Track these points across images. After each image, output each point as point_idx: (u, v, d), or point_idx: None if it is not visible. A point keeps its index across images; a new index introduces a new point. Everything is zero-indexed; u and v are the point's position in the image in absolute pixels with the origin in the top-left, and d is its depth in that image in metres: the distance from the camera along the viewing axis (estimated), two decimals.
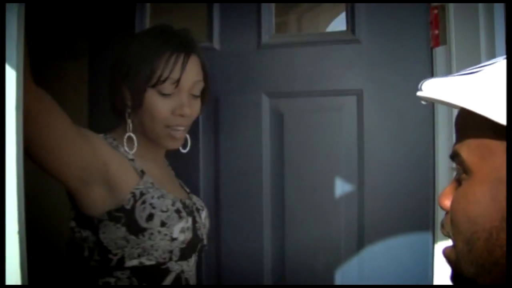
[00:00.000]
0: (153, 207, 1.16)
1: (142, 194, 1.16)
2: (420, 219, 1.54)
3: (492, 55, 1.42)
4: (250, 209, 1.67)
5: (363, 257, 1.57)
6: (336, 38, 1.64)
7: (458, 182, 0.60)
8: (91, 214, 1.15)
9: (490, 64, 0.56)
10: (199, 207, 1.33)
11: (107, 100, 1.27)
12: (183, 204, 1.24)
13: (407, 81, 1.54)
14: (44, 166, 1.03)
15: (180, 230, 1.19)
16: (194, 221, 1.25)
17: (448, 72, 1.51)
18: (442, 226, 0.62)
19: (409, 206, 1.54)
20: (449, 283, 0.67)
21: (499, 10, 1.42)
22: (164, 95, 1.19)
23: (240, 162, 1.68)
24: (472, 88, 0.54)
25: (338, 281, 1.58)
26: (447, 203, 0.61)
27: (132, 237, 1.14)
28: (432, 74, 1.54)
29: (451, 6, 1.49)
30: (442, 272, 1.49)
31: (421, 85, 0.60)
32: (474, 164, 0.56)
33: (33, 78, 0.90)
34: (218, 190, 1.71)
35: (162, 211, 1.17)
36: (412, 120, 1.56)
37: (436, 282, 1.51)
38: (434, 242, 1.52)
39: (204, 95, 1.29)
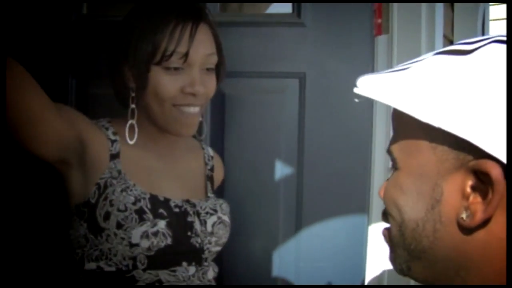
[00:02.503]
0: (111, 205, 1.03)
1: (105, 186, 1.04)
2: (356, 201, 1.58)
3: (432, 46, 1.48)
4: None
5: (301, 239, 1.60)
6: (281, 20, 1.63)
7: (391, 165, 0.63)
8: (71, 204, 1.05)
9: (417, 61, 0.57)
10: (209, 211, 1.15)
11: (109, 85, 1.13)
12: (162, 203, 1.08)
13: (349, 68, 1.56)
14: (24, 145, 0.93)
15: (142, 235, 1.02)
16: (182, 226, 1.09)
17: (388, 61, 1.56)
18: (382, 212, 0.66)
19: (346, 189, 1.58)
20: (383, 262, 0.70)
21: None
22: (171, 71, 1.04)
23: None
24: (400, 86, 0.55)
25: (275, 262, 1.60)
26: (382, 192, 0.65)
27: (91, 236, 1.04)
28: (373, 62, 1.58)
29: None
30: (375, 252, 1.55)
31: (357, 81, 0.62)
32: (401, 160, 0.59)
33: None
34: None
35: (119, 210, 1.03)
36: (352, 105, 1.58)
37: (369, 262, 1.57)
38: (368, 223, 1.57)
39: (219, 70, 1.14)
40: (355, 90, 0.61)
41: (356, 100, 0.65)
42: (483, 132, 0.48)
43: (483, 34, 1.90)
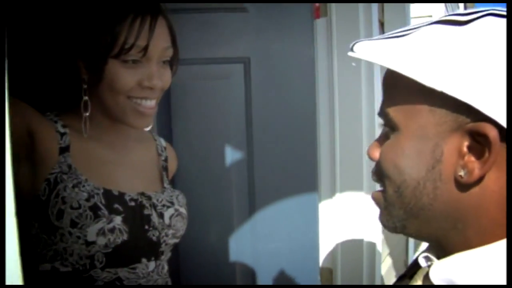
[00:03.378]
0: (64, 202, 0.98)
1: (56, 182, 0.99)
2: (306, 180, 1.63)
3: (369, 28, 1.55)
4: None
5: (255, 222, 1.62)
6: (223, 6, 1.63)
7: (386, 136, 0.65)
8: (20, 202, 0.99)
9: (414, 29, 0.60)
10: (165, 203, 1.12)
11: (55, 76, 1.07)
12: (117, 198, 1.04)
13: (291, 50, 1.60)
14: None
15: (98, 233, 0.99)
16: (138, 220, 1.06)
17: (328, 43, 1.62)
18: (373, 173, 0.68)
19: (296, 169, 1.62)
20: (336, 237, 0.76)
21: None
22: (128, 64, 1.00)
23: None
24: (401, 51, 0.57)
25: (232, 247, 1.61)
26: (376, 154, 0.66)
27: (44, 236, 0.99)
28: (313, 45, 1.63)
29: None
30: (327, 228, 1.61)
31: (353, 46, 0.63)
32: (401, 122, 0.60)
33: None
34: None
35: (73, 208, 0.98)
36: (296, 87, 1.63)
37: (322, 237, 1.63)
38: (319, 201, 1.63)
39: (173, 62, 1.12)
40: (351, 54, 0.62)
41: (354, 64, 0.68)
42: (484, 96, 0.51)
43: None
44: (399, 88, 0.61)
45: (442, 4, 5.30)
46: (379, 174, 0.65)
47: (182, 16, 1.60)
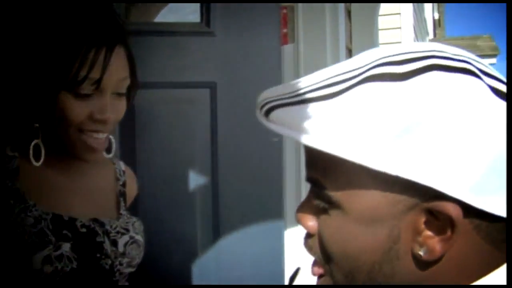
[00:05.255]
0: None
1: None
2: (272, 207, 1.61)
3: (336, 55, 1.56)
4: None
5: (220, 248, 1.59)
6: (190, 30, 1.63)
7: (319, 206, 0.55)
8: None
9: (344, 83, 0.51)
10: (120, 230, 1.07)
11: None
12: (66, 224, 0.99)
13: (258, 76, 1.60)
14: None
15: (44, 260, 0.93)
16: (89, 248, 1.01)
17: (295, 69, 1.62)
18: (307, 246, 0.59)
19: (262, 195, 1.61)
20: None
21: (342, 10, 1.56)
22: (80, 97, 0.95)
23: None
24: (335, 125, 0.49)
25: (195, 272, 1.58)
26: (310, 226, 0.57)
27: None
28: (281, 71, 1.63)
29: (299, 6, 1.59)
30: (292, 255, 1.59)
31: (266, 110, 0.54)
32: (345, 202, 0.52)
33: None
34: None
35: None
36: None
37: (287, 264, 1.60)
38: (285, 228, 1.61)
39: (130, 92, 1.06)
40: (271, 125, 0.54)
41: (276, 140, 0.60)
42: (445, 175, 0.46)
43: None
44: (335, 166, 0.51)
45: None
46: (322, 256, 0.56)
47: (149, 39, 1.59)
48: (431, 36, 10.48)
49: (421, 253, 0.49)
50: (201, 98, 1.61)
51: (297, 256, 1.55)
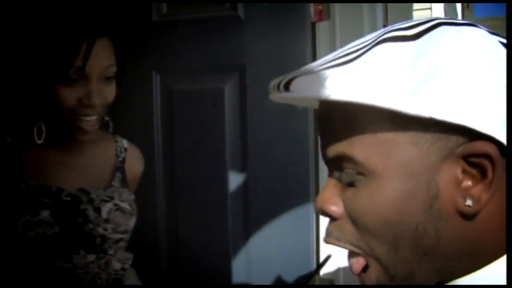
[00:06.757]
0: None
1: None
2: (301, 198, 1.55)
3: (373, 30, 1.51)
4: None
5: (249, 239, 1.58)
6: (217, 15, 1.58)
7: (346, 184, 0.54)
8: None
9: (356, 52, 0.51)
10: (104, 198, 1.19)
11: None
12: (51, 194, 1.14)
13: (289, 55, 1.53)
14: None
15: (25, 225, 1.10)
16: (72, 214, 1.14)
17: (331, 46, 1.57)
18: (334, 236, 0.55)
19: (291, 177, 1.55)
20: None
21: None
22: (69, 84, 1.08)
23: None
24: (362, 80, 0.47)
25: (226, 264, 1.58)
26: (334, 209, 0.54)
27: None
28: (314, 49, 1.58)
29: None
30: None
31: (285, 83, 0.52)
32: (378, 163, 0.50)
33: None
34: None
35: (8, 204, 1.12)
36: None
37: (322, 245, 1.58)
38: (318, 219, 1.58)
39: (119, 77, 1.17)
40: (294, 95, 0.51)
41: (299, 107, 0.58)
42: (477, 113, 0.45)
43: None
44: (362, 125, 0.51)
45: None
46: (359, 234, 0.53)
47: (180, 25, 1.59)
48: (459, 18, 10.28)
49: (469, 203, 0.48)
50: (231, 81, 1.57)
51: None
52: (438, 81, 0.46)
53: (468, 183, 0.48)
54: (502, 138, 0.46)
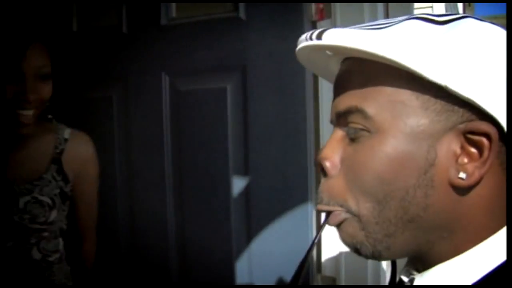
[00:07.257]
0: None
1: None
2: (300, 194, 1.56)
3: None
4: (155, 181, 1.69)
5: (251, 236, 1.60)
6: (217, 17, 1.62)
7: (349, 139, 0.56)
8: None
9: (390, 23, 0.54)
10: (23, 191, 1.30)
11: None
12: None
13: (290, 55, 1.53)
14: None
15: None
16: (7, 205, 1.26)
17: None
18: (320, 202, 0.57)
19: (290, 175, 1.56)
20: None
21: None
22: (8, 82, 1.21)
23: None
24: (391, 40, 0.50)
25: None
26: (329, 165, 0.56)
27: None
28: None
29: None
30: (329, 236, 1.56)
31: (318, 34, 0.54)
32: (386, 121, 0.52)
33: None
34: None
35: None
36: (293, 93, 1.57)
37: (324, 244, 1.58)
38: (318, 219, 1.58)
39: (55, 76, 1.29)
40: (318, 42, 0.54)
41: (329, 53, 0.60)
42: (486, 94, 0.48)
43: None
44: (379, 83, 0.53)
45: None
46: (350, 189, 0.54)
47: (186, 27, 1.64)
48: None
49: (462, 176, 0.50)
50: (233, 81, 1.59)
51: (334, 236, 1.51)
52: (458, 56, 0.49)
53: (464, 159, 0.51)
54: (503, 123, 0.49)
